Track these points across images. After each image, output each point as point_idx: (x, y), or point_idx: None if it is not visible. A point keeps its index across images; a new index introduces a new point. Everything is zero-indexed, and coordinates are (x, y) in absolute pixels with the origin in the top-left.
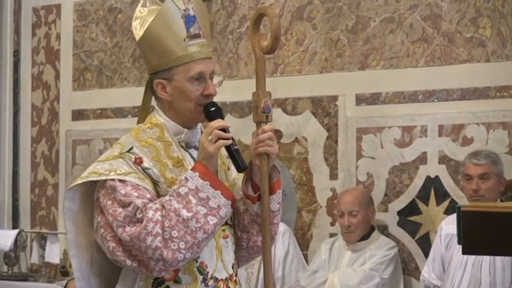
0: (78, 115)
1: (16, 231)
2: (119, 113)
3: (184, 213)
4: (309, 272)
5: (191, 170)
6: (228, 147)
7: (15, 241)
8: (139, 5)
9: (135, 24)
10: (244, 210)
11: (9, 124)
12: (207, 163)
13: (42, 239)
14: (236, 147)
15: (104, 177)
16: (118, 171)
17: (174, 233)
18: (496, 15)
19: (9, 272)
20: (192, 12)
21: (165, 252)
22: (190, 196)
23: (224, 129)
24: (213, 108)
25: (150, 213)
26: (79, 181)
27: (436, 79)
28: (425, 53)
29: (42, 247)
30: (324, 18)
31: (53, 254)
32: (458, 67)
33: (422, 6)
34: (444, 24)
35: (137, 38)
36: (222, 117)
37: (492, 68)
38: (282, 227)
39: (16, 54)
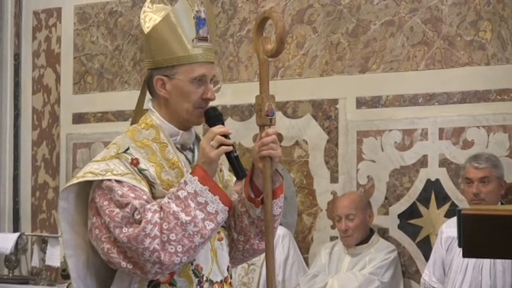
0: (79, 118)
1: (17, 234)
2: (120, 116)
3: (183, 216)
4: (309, 277)
5: (190, 174)
6: (228, 154)
7: (16, 244)
8: (148, 0)
9: (143, 16)
10: (243, 213)
11: (10, 127)
12: (207, 168)
13: (42, 242)
14: (236, 154)
15: (100, 178)
16: (115, 172)
17: (172, 236)
18: (497, 18)
19: (10, 275)
20: (203, 15)
21: (163, 255)
22: (189, 200)
23: (225, 136)
24: (215, 114)
25: (149, 215)
26: (75, 181)
27: (437, 82)
28: (425, 56)
29: (43, 250)
30: (324, 22)
31: (54, 257)
32: (459, 70)
33: (422, 9)
34: (444, 27)
35: (145, 30)
36: (223, 123)
37: (492, 71)
38: (282, 231)
39: (17, 57)
